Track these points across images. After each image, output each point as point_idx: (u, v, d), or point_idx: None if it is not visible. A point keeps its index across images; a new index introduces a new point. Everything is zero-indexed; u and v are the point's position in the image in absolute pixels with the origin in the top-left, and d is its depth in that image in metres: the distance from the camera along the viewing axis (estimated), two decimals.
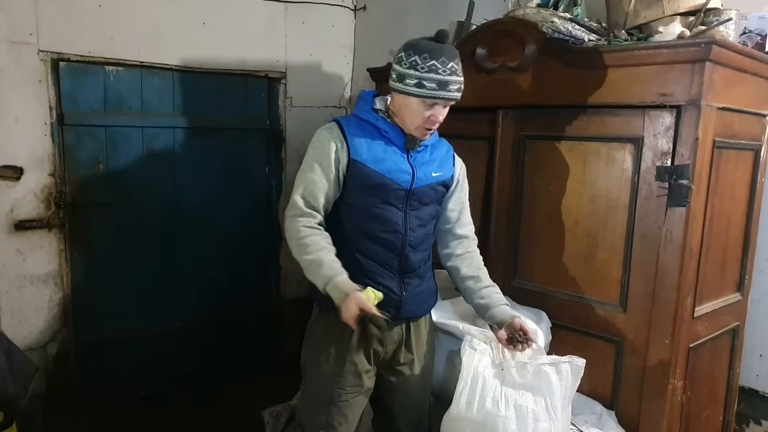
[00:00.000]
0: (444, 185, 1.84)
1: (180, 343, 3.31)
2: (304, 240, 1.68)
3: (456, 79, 1.65)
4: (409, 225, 1.76)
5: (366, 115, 1.77)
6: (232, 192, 3.42)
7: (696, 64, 1.76)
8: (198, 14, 3.12)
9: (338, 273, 1.63)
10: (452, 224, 1.91)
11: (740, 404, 2.37)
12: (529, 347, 1.76)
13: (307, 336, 1.88)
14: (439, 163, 1.82)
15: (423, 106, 1.66)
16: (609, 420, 2.01)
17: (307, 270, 1.68)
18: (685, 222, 1.84)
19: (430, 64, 1.62)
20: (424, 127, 1.70)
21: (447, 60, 1.63)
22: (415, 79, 1.63)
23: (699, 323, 2.02)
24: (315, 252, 1.66)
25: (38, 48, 2.70)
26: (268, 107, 3.53)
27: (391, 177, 1.71)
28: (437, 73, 1.62)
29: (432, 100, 1.65)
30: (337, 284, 1.61)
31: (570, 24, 2.06)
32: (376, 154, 1.71)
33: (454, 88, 1.65)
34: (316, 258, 1.65)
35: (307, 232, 1.69)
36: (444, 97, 1.65)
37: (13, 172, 2.69)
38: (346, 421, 1.81)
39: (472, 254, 1.93)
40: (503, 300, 1.88)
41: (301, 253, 1.68)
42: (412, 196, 1.75)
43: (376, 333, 1.54)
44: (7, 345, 2.34)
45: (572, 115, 2.08)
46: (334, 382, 1.77)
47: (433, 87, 1.63)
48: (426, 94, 1.63)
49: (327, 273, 1.63)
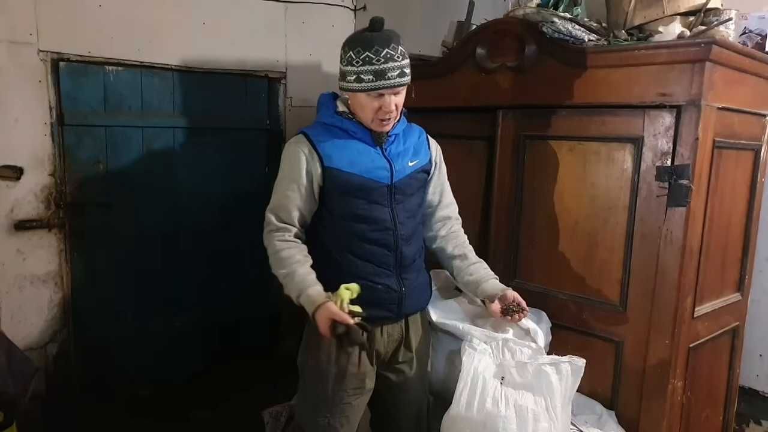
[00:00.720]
0: (424, 171, 1.85)
1: (180, 343, 3.31)
2: (279, 254, 1.70)
3: (393, 65, 1.62)
4: (398, 219, 1.75)
5: (330, 119, 1.76)
6: (232, 192, 3.42)
7: (696, 64, 1.76)
8: (198, 14, 3.11)
9: (309, 285, 1.64)
10: (434, 207, 1.92)
11: (740, 404, 2.37)
12: (525, 316, 1.76)
13: (306, 339, 1.86)
14: (414, 150, 1.82)
15: (370, 100, 1.65)
16: (609, 420, 2.01)
17: (283, 284, 1.70)
18: (685, 222, 1.84)
19: (363, 56, 1.61)
20: (378, 119, 1.68)
21: (380, 48, 1.61)
22: (353, 75, 1.63)
23: (699, 323, 2.02)
24: (288, 266, 1.68)
25: (38, 48, 2.70)
26: (268, 107, 3.53)
27: (369, 176, 1.71)
28: (372, 64, 1.60)
29: (374, 92, 1.63)
30: (308, 296, 1.62)
31: (570, 24, 2.06)
32: (350, 157, 1.70)
33: (394, 74, 1.62)
34: (289, 271, 1.67)
35: (282, 246, 1.71)
36: (384, 86, 1.62)
37: (13, 172, 2.69)
38: (348, 423, 1.81)
39: (457, 233, 1.94)
40: (492, 274, 1.89)
41: (276, 268, 1.71)
42: (395, 190, 1.75)
43: (354, 340, 1.53)
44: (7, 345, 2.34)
45: (572, 115, 2.08)
46: (335, 384, 1.77)
47: (370, 79, 1.61)
48: (366, 88, 1.62)
49: (299, 286, 1.64)
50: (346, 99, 1.78)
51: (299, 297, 1.64)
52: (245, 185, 3.47)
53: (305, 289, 1.63)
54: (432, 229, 1.94)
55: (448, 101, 2.42)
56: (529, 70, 2.14)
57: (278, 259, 1.71)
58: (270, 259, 1.74)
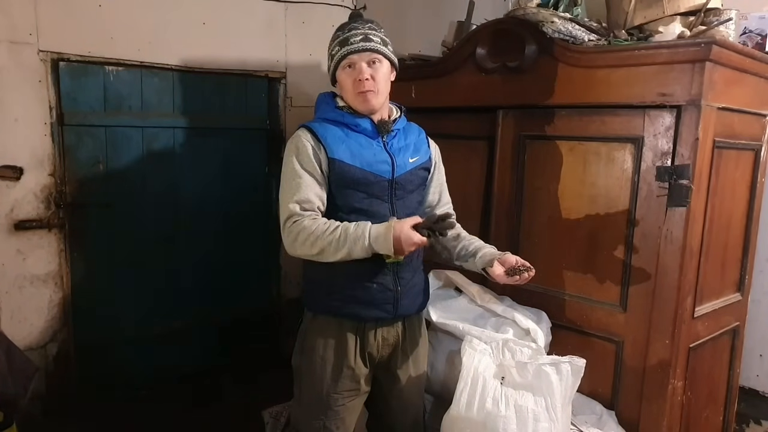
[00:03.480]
0: (425, 169, 1.85)
1: (180, 343, 3.31)
2: (320, 227, 1.61)
3: (356, 32, 1.73)
4: (398, 215, 1.73)
5: (331, 114, 1.76)
6: (232, 192, 3.42)
7: (696, 64, 1.76)
8: (198, 14, 3.11)
9: (366, 225, 1.61)
10: (434, 207, 1.93)
11: (740, 404, 2.37)
12: (532, 274, 1.69)
13: (300, 341, 1.84)
14: (415, 147, 1.83)
15: (346, 75, 1.73)
16: (609, 420, 2.01)
17: (337, 248, 1.59)
18: (685, 222, 1.84)
19: (336, 35, 1.76)
20: (358, 92, 1.70)
21: (346, 25, 1.76)
22: (330, 57, 1.77)
23: (699, 323, 2.02)
24: (334, 229, 1.61)
25: (38, 48, 2.70)
26: (268, 107, 3.53)
27: (371, 170, 1.70)
28: (339, 38, 1.74)
29: (344, 62, 1.71)
30: (376, 229, 1.59)
31: (570, 24, 2.06)
32: (352, 150, 1.70)
33: (357, 39, 1.71)
34: (339, 230, 1.60)
35: (317, 222, 1.63)
36: (348, 52, 1.71)
37: (13, 172, 2.69)
38: (344, 425, 1.80)
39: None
40: (489, 245, 1.85)
41: (322, 238, 1.60)
42: (396, 185, 1.74)
43: (445, 226, 1.59)
44: (7, 345, 2.34)
45: (572, 115, 2.08)
46: (330, 386, 1.76)
47: (336, 50, 1.73)
48: (336, 59, 1.73)
49: (360, 229, 1.59)
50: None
51: (366, 240, 1.57)
52: (245, 185, 3.47)
53: (366, 229, 1.59)
54: None
55: (448, 101, 2.42)
56: (529, 70, 2.14)
57: (320, 231, 1.60)
58: (308, 241, 1.61)
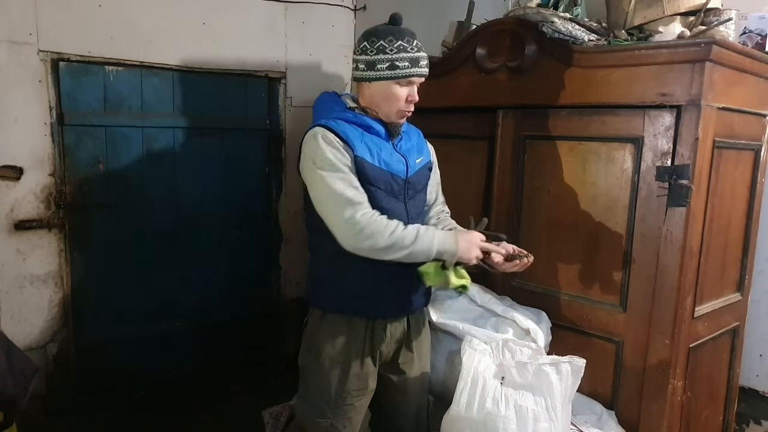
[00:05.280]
0: (428, 168, 1.90)
1: (180, 343, 3.31)
2: (389, 222, 1.61)
3: (424, 55, 1.71)
4: (410, 215, 1.77)
5: (342, 115, 1.73)
6: (232, 192, 3.42)
7: (696, 64, 1.76)
8: (198, 14, 3.11)
9: (436, 229, 1.69)
10: (431, 205, 1.97)
11: (740, 404, 2.37)
12: (531, 261, 1.75)
13: (306, 340, 1.85)
14: (418, 148, 1.86)
15: (399, 88, 1.69)
16: (609, 420, 2.01)
17: (403, 246, 1.60)
18: (685, 222, 1.84)
19: (397, 45, 1.66)
20: (404, 109, 1.71)
21: (411, 39, 1.69)
22: (387, 62, 1.66)
23: (699, 323, 2.02)
24: (405, 227, 1.63)
25: (38, 48, 2.70)
26: (268, 107, 3.53)
27: (389, 169, 1.72)
28: (407, 51, 1.66)
29: (407, 79, 1.68)
30: (445, 234, 1.65)
31: (570, 24, 2.06)
32: (371, 150, 1.70)
33: (424, 63, 1.70)
34: (411, 228, 1.64)
35: (383, 218, 1.62)
36: (418, 74, 1.69)
37: (13, 172, 2.69)
38: (351, 424, 1.80)
39: (446, 216, 2.00)
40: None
41: (393, 236, 1.59)
42: (409, 184, 1.78)
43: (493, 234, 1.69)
44: (7, 345, 2.34)
45: (572, 115, 2.08)
46: (338, 385, 1.76)
47: (406, 66, 1.66)
48: (402, 74, 1.67)
49: (429, 233, 1.64)
50: (351, 96, 1.79)
51: (435, 240, 1.63)
52: (245, 185, 3.47)
53: (436, 232, 1.66)
54: (425, 222, 1.94)
55: (448, 101, 2.42)
56: (529, 70, 2.14)
57: (392, 227, 1.60)
58: (378, 235, 1.58)
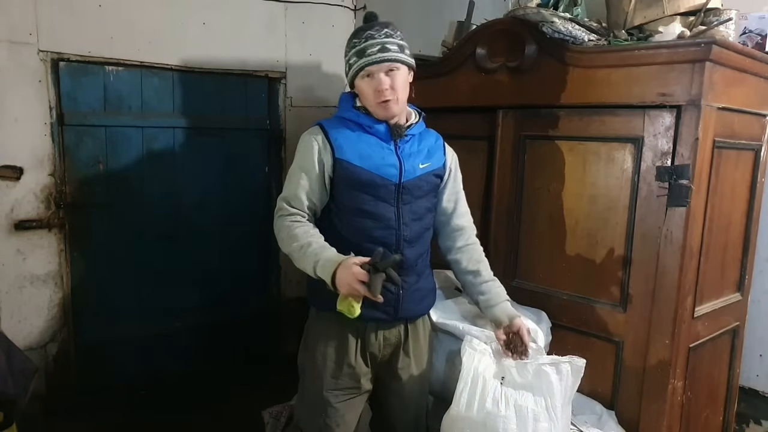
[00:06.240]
0: (437, 176, 1.84)
1: (180, 343, 3.31)
2: (293, 230, 1.68)
3: (373, 42, 1.69)
4: (403, 220, 1.74)
5: (348, 113, 1.78)
6: (232, 192, 3.42)
7: (696, 64, 1.76)
8: (198, 14, 3.12)
9: (326, 249, 1.63)
10: (449, 215, 1.91)
11: (740, 404, 2.37)
12: (525, 358, 1.77)
13: (304, 338, 1.87)
14: (428, 153, 1.82)
15: (365, 84, 1.71)
16: (609, 420, 2.01)
17: (296, 258, 1.67)
18: (685, 222, 1.84)
19: (353, 43, 1.73)
20: (378, 102, 1.71)
21: (362, 31, 1.72)
22: (348, 65, 1.75)
23: (699, 323, 2.02)
24: (304, 239, 1.66)
25: (38, 48, 2.70)
26: (268, 107, 3.53)
27: (378, 173, 1.71)
28: (357, 47, 1.71)
29: (362, 72, 1.70)
30: (327, 258, 1.59)
31: (570, 24, 2.06)
32: (361, 152, 1.71)
33: (374, 50, 1.69)
34: (304, 243, 1.65)
35: (296, 225, 1.70)
36: (366, 63, 1.69)
37: (13, 172, 2.69)
38: (344, 423, 1.80)
39: (473, 247, 1.93)
40: (503, 296, 1.87)
41: (289, 243, 1.68)
42: (403, 189, 1.75)
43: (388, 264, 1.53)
44: (7, 345, 2.34)
45: (572, 115, 2.08)
46: (330, 384, 1.77)
47: (356, 60, 1.71)
48: (355, 70, 1.71)
49: (315, 251, 1.62)
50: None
51: (316, 264, 1.60)
52: (245, 185, 3.47)
53: (321, 253, 1.61)
54: (448, 238, 1.93)
55: (449, 101, 2.42)
56: (529, 70, 2.14)
57: (291, 235, 1.67)
58: (282, 239, 1.71)
